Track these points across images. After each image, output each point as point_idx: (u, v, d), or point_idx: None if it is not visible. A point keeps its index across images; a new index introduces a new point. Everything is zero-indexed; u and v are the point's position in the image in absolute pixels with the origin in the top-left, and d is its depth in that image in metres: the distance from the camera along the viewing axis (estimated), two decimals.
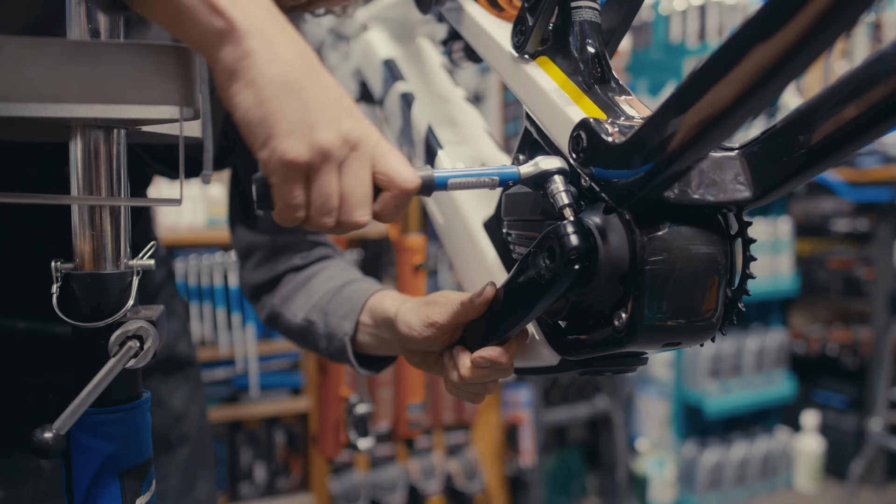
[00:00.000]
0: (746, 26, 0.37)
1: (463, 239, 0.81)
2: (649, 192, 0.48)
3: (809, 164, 0.47)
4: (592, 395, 2.86)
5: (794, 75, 0.37)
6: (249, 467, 2.32)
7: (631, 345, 0.51)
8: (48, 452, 0.54)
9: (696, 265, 0.51)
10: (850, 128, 0.44)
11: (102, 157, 0.58)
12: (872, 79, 0.41)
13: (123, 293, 0.60)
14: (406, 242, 1.53)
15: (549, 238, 0.54)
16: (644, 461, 2.89)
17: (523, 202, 0.66)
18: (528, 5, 0.64)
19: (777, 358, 2.97)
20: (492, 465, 2.67)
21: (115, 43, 0.54)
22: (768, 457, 2.94)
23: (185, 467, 0.97)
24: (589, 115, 0.57)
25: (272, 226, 0.93)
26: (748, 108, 0.40)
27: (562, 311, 0.61)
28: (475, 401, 0.69)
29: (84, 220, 0.59)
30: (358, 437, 1.49)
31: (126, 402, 0.60)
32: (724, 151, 0.52)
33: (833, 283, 3.31)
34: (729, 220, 0.54)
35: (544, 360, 0.64)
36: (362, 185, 0.53)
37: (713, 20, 2.87)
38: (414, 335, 0.68)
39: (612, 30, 0.65)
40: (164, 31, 0.72)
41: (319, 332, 0.84)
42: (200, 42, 0.49)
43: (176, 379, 0.99)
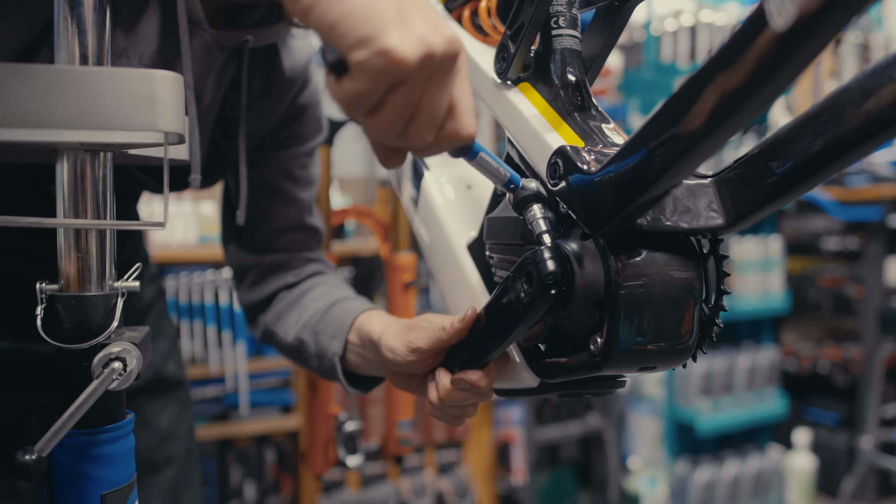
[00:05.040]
0: (710, 59, 0.38)
1: (447, 260, 0.81)
2: (623, 219, 0.49)
3: (782, 192, 0.48)
4: (584, 413, 2.86)
5: (759, 106, 0.38)
6: (239, 486, 2.31)
7: (606, 368, 0.52)
8: (29, 474, 0.54)
9: (671, 290, 0.51)
10: (820, 157, 0.45)
11: (88, 179, 0.59)
12: (838, 113, 0.43)
13: (108, 315, 0.60)
14: (397, 260, 1.54)
15: (526, 263, 0.55)
16: (636, 479, 2.88)
17: (504, 226, 0.67)
18: (510, 32, 0.65)
19: (768, 376, 2.98)
20: (483, 483, 2.67)
21: (101, 70, 0.55)
22: (760, 475, 2.94)
23: (170, 490, 0.97)
24: (567, 141, 0.58)
25: (264, 245, 0.94)
26: (717, 138, 0.41)
27: (540, 335, 0.61)
28: (455, 423, 0.70)
29: (69, 242, 0.59)
30: (347, 455, 1.49)
31: (109, 423, 0.60)
32: (697, 179, 0.53)
33: (824, 301, 3.32)
34: (702, 242, 0.55)
35: (524, 382, 0.65)
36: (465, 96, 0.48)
37: (703, 40, 2.90)
38: (397, 360, 0.69)
39: (593, 57, 0.67)
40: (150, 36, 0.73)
41: (310, 350, 0.85)
42: None
43: (163, 399, 0.99)
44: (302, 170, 0.96)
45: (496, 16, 0.73)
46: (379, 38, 0.41)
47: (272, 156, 0.93)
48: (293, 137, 0.95)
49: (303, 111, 0.94)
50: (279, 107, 0.91)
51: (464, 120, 0.48)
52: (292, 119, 0.94)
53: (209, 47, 0.76)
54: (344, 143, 2.35)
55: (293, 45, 0.92)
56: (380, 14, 0.42)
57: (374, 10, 0.42)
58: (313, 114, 0.96)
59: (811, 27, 0.32)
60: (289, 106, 0.92)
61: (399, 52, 0.41)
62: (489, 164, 0.58)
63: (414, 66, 0.42)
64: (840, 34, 0.33)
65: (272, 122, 0.91)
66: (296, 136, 0.95)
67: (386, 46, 0.41)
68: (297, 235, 0.95)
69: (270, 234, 0.94)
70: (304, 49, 0.94)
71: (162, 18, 0.72)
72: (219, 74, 0.81)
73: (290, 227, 0.95)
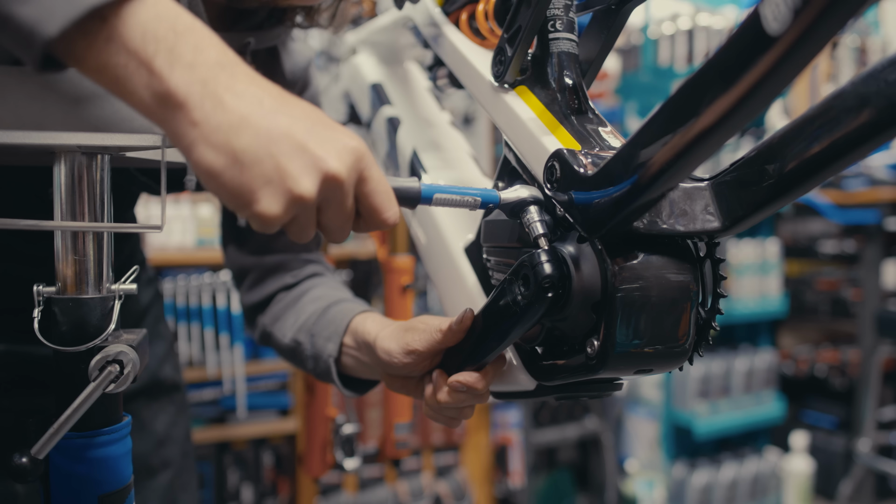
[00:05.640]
0: (707, 62, 0.39)
1: (444, 262, 0.81)
2: (620, 222, 0.49)
3: (779, 195, 0.48)
4: (582, 416, 2.86)
5: (756, 109, 0.38)
6: (237, 489, 2.30)
7: (603, 371, 0.52)
8: (26, 476, 0.54)
9: (667, 293, 0.52)
10: (817, 160, 0.45)
11: (86, 182, 0.59)
12: (834, 116, 0.43)
13: (105, 317, 0.60)
14: (394, 263, 1.53)
15: (523, 266, 0.55)
16: (634, 482, 2.88)
17: (501, 229, 0.67)
18: (508, 36, 0.65)
19: (766, 379, 2.98)
20: (481, 486, 2.66)
21: None
22: (758, 478, 2.94)
23: (166, 493, 0.97)
24: (564, 145, 0.58)
25: (262, 246, 0.94)
26: (714, 141, 0.41)
27: (538, 338, 0.61)
28: (452, 425, 0.70)
29: (67, 245, 0.59)
30: (344, 458, 1.49)
31: (106, 426, 0.60)
32: (694, 182, 0.53)
33: (821, 304, 3.32)
34: (698, 246, 0.55)
35: (521, 385, 0.65)
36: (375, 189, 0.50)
37: (701, 44, 2.90)
38: (394, 362, 0.69)
39: (590, 60, 0.67)
40: None
41: (306, 352, 0.85)
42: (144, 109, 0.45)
43: (160, 403, 0.99)
44: None
45: (493, 19, 0.73)
46: (249, 208, 0.46)
47: None
48: None
49: None
50: None
51: (381, 214, 0.51)
52: None
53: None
54: None
55: (293, 48, 0.92)
56: (246, 186, 0.45)
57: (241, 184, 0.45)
58: None
59: (807, 31, 0.32)
60: None
61: (269, 213, 0.46)
62: (451, 199, 0.58)
63: (287, 215, 0.46)
64: (836, 38, 0.33)
65: None
66: None
67: (256, 212, 0.46)
68: None
69: (269, 236, 0.94)
70: (304, 51, 0.94)
71: None
72: None
73: None
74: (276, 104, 0.46)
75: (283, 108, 0.46)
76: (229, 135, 0.44)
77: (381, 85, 1.02)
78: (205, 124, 0.44)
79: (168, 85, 0.44)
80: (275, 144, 0.45)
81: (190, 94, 0.44)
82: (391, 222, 0.52)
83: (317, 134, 0.47)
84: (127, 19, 0.43)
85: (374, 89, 1.02)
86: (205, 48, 0.45)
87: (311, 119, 0.47)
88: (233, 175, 0.45)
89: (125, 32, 0.43)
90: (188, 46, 0.44)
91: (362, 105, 1.06)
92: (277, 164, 0.45)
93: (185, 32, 0.45)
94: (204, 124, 0.44)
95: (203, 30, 0.46)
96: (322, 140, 0.46)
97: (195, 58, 0.44)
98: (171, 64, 0.44)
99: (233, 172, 0.45)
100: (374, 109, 1.01)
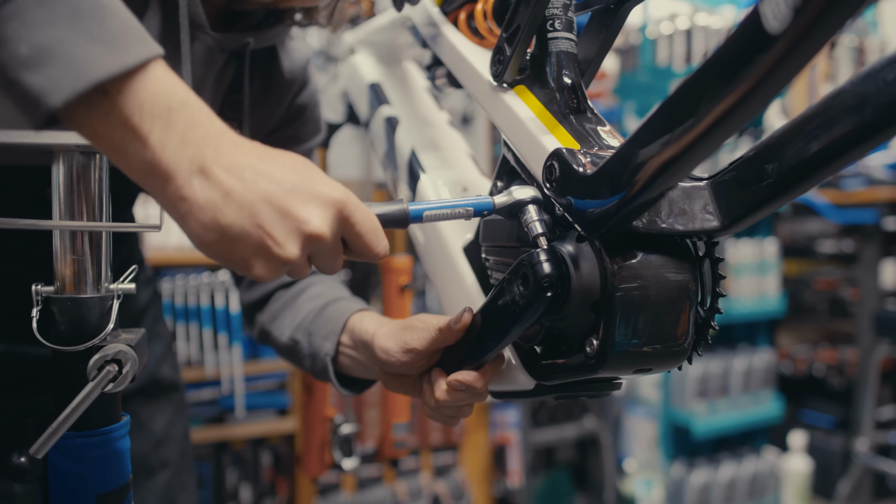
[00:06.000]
0: (706, 62, 0.39)
1: (443, 262, 0.81)
2: (619, 221, 0.49)
3: (777, 194, 0.48)
4: (580, 415, 2.86)
5: (755, 109, 0.38)
6: (235, 488, 2.30)
7: (602, 370, 0.52)
8: (25, 476, 0.54)
9: (666, 292, 0.51)
10: (815, 160, 0.45)
11: (84, 182, 0.59)
12: (833, 115, 0.43)
13: (103, 317, 0.60)
14: (392, 263, 1.53)
15: (522, 265, 0.55)
16: (632, 482, 2.88)
17: (500, 229, 0.67)
18: (507, 35, 0.65)
19: (764, 378, 2.98)
20: (479, 486, 2.66)
21: None
22: (756, 477, 2.94)
23: (165, 493, 0.96)
24: (563, 144, 0.58)
25: None
26: (713, 141, 0.41)
27: (537, 337, 0.61)
28: (450, 423, 0.70)
29: (65, 244, 0.59)
30: (343, 457, 1.48)
31: (105, 425, 0.60)
32: (693, 181, 0.53)
33: (819, 303, 3.32)
34: (697, 245, 0.55)
35: (520, 385, 0.65)
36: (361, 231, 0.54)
37: (699, 44, 2.90)
38: (392, 360, 0.69)
39: (589, 60, 0.67)
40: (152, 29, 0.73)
41: (304, 351, 0.85)
42: (136, 178, 0.48)
43: (158, 402, 0.99)
44: None
45: (492, 19, 0.73)
46: (244, 272, 0.51)
47: None
48: (292, 137, 0.95)
49: (301, 111, 0.95)
50: (278, 107, 0.91)
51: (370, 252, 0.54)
52: (291, 119, 0.94)
53: (211, 50, 0.77)
54: (340, 145, 2.35)
55: (291, 46, 0.92)
56: (237, 256, 0.50)
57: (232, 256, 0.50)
58: (312, 114, 0.97)
59: (807, 29, 0.32)
60: (288, 106, 0.92)
61: (263, 276, 0.51)
62: (443, 214, 0.59)
63: (279, 273, 0.51)
64: (835, 37, 0.33)
65: (271, 122, 0.91)
66: (294, 136, 0.95)
67: (252, 275, 0.51)
68: None
69: None
70: (303, 50, 0.94)
71: (162, 22, 0.72)
72: (218, 76, 0.82)
73: None
74: (258, 171, 0.49)
75: (264, 172, 0.49)
76: (216, 213, 0.47)
77: (379, 85, 1.02)
78: (193, 201, 0.47)
79: (160, 160, 0.46)
80: (258, 215, 0.48)
81: (179, 171, 0.47)
82: (382, 256, 0.55)
83: (297, 195, 0.50)
84: (127, 95, 0.45)
85: (372, 89, 1.02)
86: (196, 124, 0.48)
87: (291, 176, 0.50)
88: (224, 248, 0.49)
89: (125, 107, 0.45)
90: (180, 124, 0.47)
91: (361, 105, 1.06)
92: (262, 235, 0.48)
93: (178, 109, 0.47)
94: (192, 201, 0.47)
95: (195, 104, 0.48)
96: (303, 200, 0.50)
97: (186, 134, 0.47)
98: (163, 141, 0.46)
99: (223, 246, 0.49)
100: (373, 109, 1.01)
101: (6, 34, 0.42)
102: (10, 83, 0.43)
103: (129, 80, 0.45)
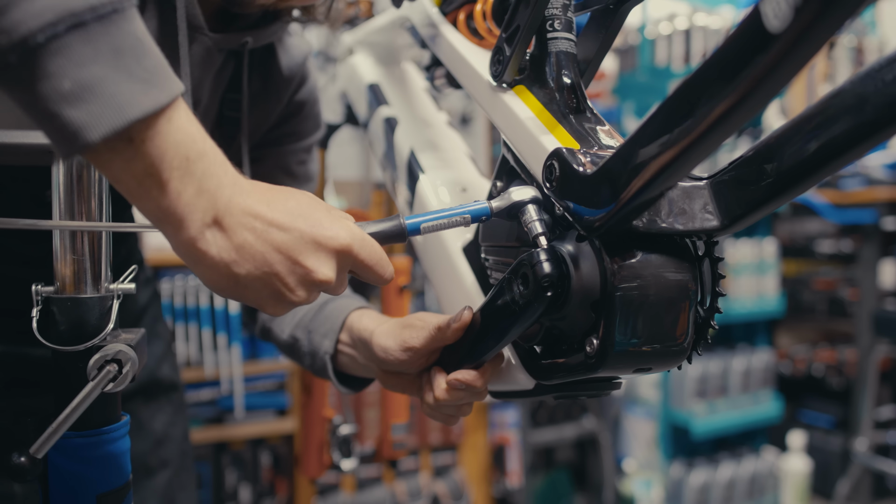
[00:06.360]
0: (705, 62, 0.39)
1: (442, 262, 0.81)
2: (619, 221, 0.49)
3: (776, 194, 0.48)
4: (580, 415, 2.86)
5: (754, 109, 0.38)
6: (234, 489, 2.30)
7: (602, 370, 0.52)
8: (25, 476, 0.54)
9: (666, 292, 0.52)
10: (814, 159, 0.45)
11: (84, 182, 0.59)
12: (831, 115, 0.43)
13: (103, 317, 0.60)
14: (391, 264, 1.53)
15: (522, 265, 0.55)
16: (631, 482, 2.88)
17: (500, 229, 0.67)
18: (506, 35, 0.65)
19: (763, 378, 2.98)
20: (479, 486, 2.66)
21: None
22: (755, 477, 2.94)
23: (164, 493, 0.96)
24: (563, 144, 0.58)
25: None
26: (712, 140, 0.41)
27: (536, 336, 0.61)
28: (450, 422, 0.70)
29: (65, 245, 0.59)
30: (341, 458, 1.48)
31: (105, 425, 0.60)
32: (693, 181, 0.53)
33: (818, 303, 3.33)
34: (697, 245, 0.55)
35: (520, 384, 0.65)
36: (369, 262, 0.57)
37: (698, 44, 2.90)
38: (391, 359, 0.69)
39: (588, 60, 0.67)
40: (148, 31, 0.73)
41: (304, 349, 0.85)
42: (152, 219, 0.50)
43: (158, 402, 0.99)
44: (300, 166, 0.96)
45: (491, 19, 0.73)
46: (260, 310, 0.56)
47: (270, 152, 0.94)
48: (291, 134, 0.95)
49: (300, 108, 0.95)
50: (277, 105, 0.91)
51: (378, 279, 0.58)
52: (290, 116, 0.94)
53: (209, 51, 0.77)
54: (339, 146, 2.35)
55: (289, 43, 0.92)
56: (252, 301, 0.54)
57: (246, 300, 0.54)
58: (311, 110, 0.97)
59: (808, 28, 0.32)
60: (287, 103, 0.93)
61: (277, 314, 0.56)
62: (440, 224, 0.60)
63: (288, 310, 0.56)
64: (834, 37, 0.34)
65: (271, 119, 0.91)
66: (294, 133, 0.95)
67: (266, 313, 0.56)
68: None
69: None
70: (301, 46, 0.94)
71: (159, 24, 0.72)
72: (216, 76, 0.82)
73: None
74: (268, 221, 0.52)
75: (274, 221, 0.52)
76: (230, 266, 0.51)
77: (378, 85, 1.02)
78: (205, 254, 0.50)
79: (175, 209, 0.48)
80: (271, 265, 0.52)
81: (193, 221, 0.49)
82: (388, 281, 0.58)
83: (306, 244, 0.53)
84: (151, 143, 0.46)
85: (371, 90, 1.02)
86: (211, 174, 0.50)
87: (299, 223, 0.53)
88: (237, 294, 0.53)
89: (148, 155, 0.46)
90: (197, 174, 0.49)
91: (359, 105, 1.06)
92: (275, 282, 0.52)
93: (196, 160, 0.49)
94: (205, 253, 0.50)
95: (211, 153, 0.50)
96: (311, 250, 0.53)
97: (202, 184, 0.49)
98: (179, 191, 0.48)
99: (237, 291, 0.53)
100: (372, 110, 1.01)
101: (51, 69, 0.42)
102: (50, 116, 0.44)
103: (155, 124, 0.46)
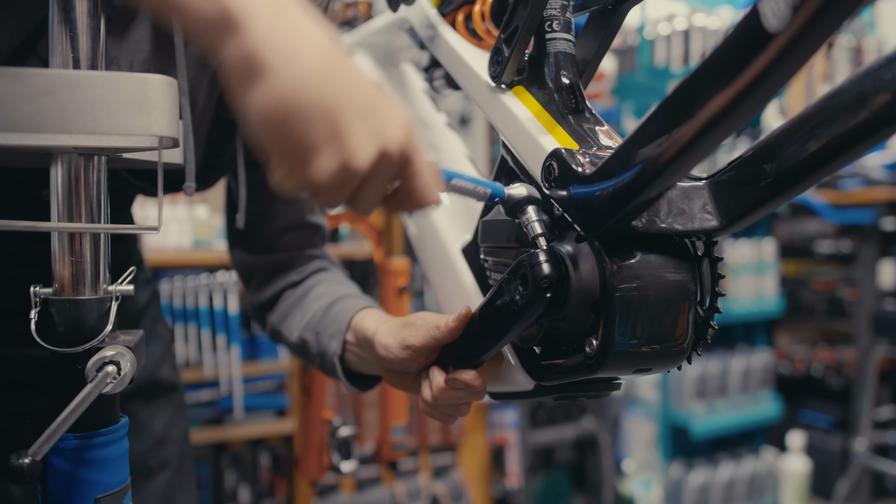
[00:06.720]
0: (704, 61, 0.39)
1: (442, 263, 0.81)
2: (618, 221, 0.49)
3: (775, 194, 0.48)
4: (579, 416, 2.86)
5: (753, 108, 0.38)
6: (234, 490, 2.30)
7: (602, 371, 0.52)
8: (23, 478, 0.54)
9: (666, 292, 0.51)
10: (813, 159, 0.45)
11: (83, 183, 0.59)
12: (830, 115, 0.43)
13: (102, 318, 0.60)
14: (390, 265, 1.53)
15: (522, 266, 0.55)
16: (631, 482, 2.88)
17: (499, 229, 0.67)
18: (505, 36, 0.65)
19: (762, 378, 2.98)
20: (478, 486, 2.66)
21: (95, 74, 0.55)
22: (755, 477, 2.94)
23: (164, 494, 0.96)
24: (562, 144, 0.58)
25: (267, 246, 0.95)
26: (711, 141, 0.41)
27: (536, 337, 0.61)
28: (448, 421, 0.70)
29: (64, 246, 0.59)
30: (341, 460, 1.48)
31: (104, 427, 0.60)
32: (692, 181, 0.53)
33: (817, 303, 3.33)
34: (696, 245, 0.55)
35: (519, 385, 0.65)
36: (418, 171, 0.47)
37: (697, 44, 2.91)
38: (391, 357, 0.69)
39: (587, 60, 0.67)
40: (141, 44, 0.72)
41: (313, 350, 0.86)
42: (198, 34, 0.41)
43: (157, 403, 0.99)
44: None
45: (490, 20, 0.73)
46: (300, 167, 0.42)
47: None
48: None
49: None
50: None
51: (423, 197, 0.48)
52: None
53: (205, 53, 0.76)
54: None
55: None
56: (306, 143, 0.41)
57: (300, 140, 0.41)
58: None
59: (806, 28, 0.32)
60: None
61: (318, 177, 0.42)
62: (465, 187, 0.59)
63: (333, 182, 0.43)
64: (833, 37, 0.34)
65: None
66: None
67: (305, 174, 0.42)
68: (300, 234, 0.96)
69: (273, 235, 0.95)
70: None
71: (154, 26, 0.72)
72: (212, 78, 0.81)
73: (291, 226, 0.95)
74: (343, 58, 0.43)
75: (349, 64, 0.43)
76: (298, 85, 0.40)
77: None
78: (268, 65, 0.40)
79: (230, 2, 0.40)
80: (345, 100, 0.41)
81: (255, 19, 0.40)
82: (434, 201, 0.49)
83: (381, 99, 0.43)
84: None
85: None
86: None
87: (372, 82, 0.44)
88: (289, 129, 0.41)
89: None
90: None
91: None
92: (344, 123, 0.41)
93: None
94: (267, 64, 0.40)
95: None
96: (385, 107, 0.43)
97: None
98: None
99: (290, 127, 0.41)
100: None
101: None
102: None
103: None
